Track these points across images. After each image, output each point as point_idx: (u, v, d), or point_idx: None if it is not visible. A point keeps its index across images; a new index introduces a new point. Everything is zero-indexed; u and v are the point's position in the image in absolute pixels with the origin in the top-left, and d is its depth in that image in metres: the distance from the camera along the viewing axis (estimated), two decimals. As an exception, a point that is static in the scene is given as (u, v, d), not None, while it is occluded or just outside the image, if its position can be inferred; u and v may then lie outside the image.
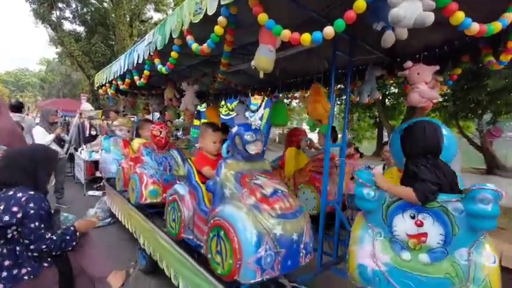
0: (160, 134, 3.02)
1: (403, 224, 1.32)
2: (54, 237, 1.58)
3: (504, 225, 3.51)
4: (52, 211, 1.77)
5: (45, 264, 1.61)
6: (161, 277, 2.56)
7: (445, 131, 1.44)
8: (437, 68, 1.90)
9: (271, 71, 1.51)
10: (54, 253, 1.59)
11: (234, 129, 1.86)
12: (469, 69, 4.73)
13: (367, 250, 1.42)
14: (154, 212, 2.81)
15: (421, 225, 1.28)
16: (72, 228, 1.70)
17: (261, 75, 1.52)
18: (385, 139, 7.87)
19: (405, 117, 7.69)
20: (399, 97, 9.20)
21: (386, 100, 10.38)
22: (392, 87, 9.11)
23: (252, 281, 1.43)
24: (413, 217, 1.29)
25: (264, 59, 1.41)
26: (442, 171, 1.30)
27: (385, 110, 9.40)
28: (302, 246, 1.64)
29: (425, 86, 1.89)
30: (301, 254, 1.65)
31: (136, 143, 3.59)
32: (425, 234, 1.27)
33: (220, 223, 1.54)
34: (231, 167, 1.78)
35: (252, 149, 1.80)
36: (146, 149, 3.06)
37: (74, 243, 1.68)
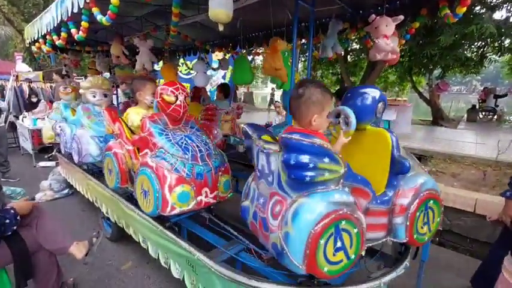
0: (177, 99, 1.96)
1: None
2: None
3: (443, 169, 3.97)
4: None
5: (-9, 244, 1.49)
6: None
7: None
8: (400, 18, 1.83)
9: (232, 24, 1.35)
10: None
11: (377, 94, 1.56)
12: (424, 25, 4.88)
13: None
14: (177, 221, 2.06)
15: None
16: (12, 211, 1.57)
17: (221, 28, 1.37)
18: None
19: (364, 73, 7.90)
20: (361, 53, 9.33)
21: (349, 56, 10.49)
22: (354, 43, 9.16)
23: None
24: None
25: (213, 8, 1.24)
26: None
27: (347, 66, 9.54)
28: None
29: (383, 40, 1.87)
30: None
31: (135, 114, 2.27)
32: None
33: (430, 194, 1.53)
34: None
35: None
36: (156, 125, 1.95)
37: (15, 227, 1.56)
